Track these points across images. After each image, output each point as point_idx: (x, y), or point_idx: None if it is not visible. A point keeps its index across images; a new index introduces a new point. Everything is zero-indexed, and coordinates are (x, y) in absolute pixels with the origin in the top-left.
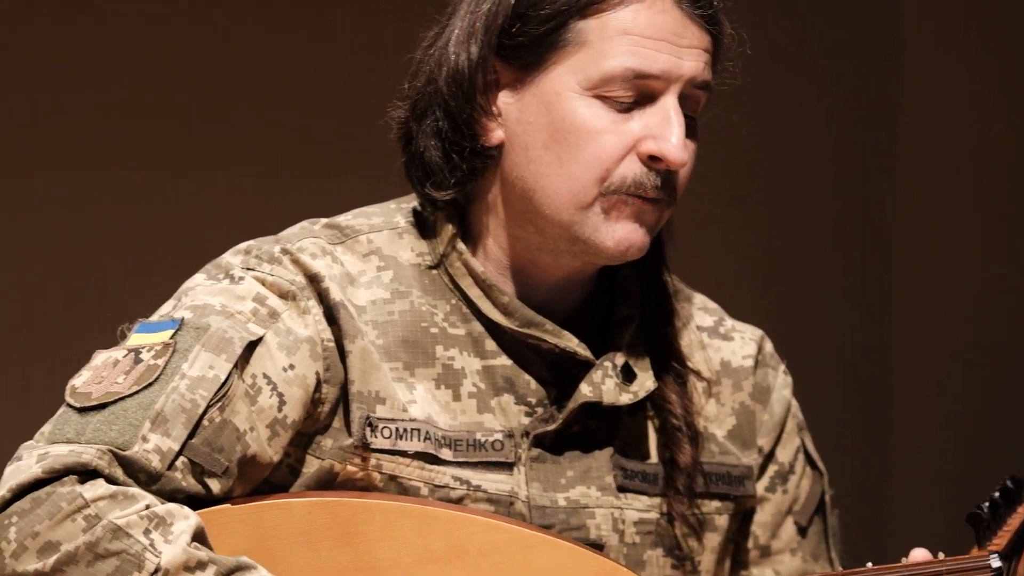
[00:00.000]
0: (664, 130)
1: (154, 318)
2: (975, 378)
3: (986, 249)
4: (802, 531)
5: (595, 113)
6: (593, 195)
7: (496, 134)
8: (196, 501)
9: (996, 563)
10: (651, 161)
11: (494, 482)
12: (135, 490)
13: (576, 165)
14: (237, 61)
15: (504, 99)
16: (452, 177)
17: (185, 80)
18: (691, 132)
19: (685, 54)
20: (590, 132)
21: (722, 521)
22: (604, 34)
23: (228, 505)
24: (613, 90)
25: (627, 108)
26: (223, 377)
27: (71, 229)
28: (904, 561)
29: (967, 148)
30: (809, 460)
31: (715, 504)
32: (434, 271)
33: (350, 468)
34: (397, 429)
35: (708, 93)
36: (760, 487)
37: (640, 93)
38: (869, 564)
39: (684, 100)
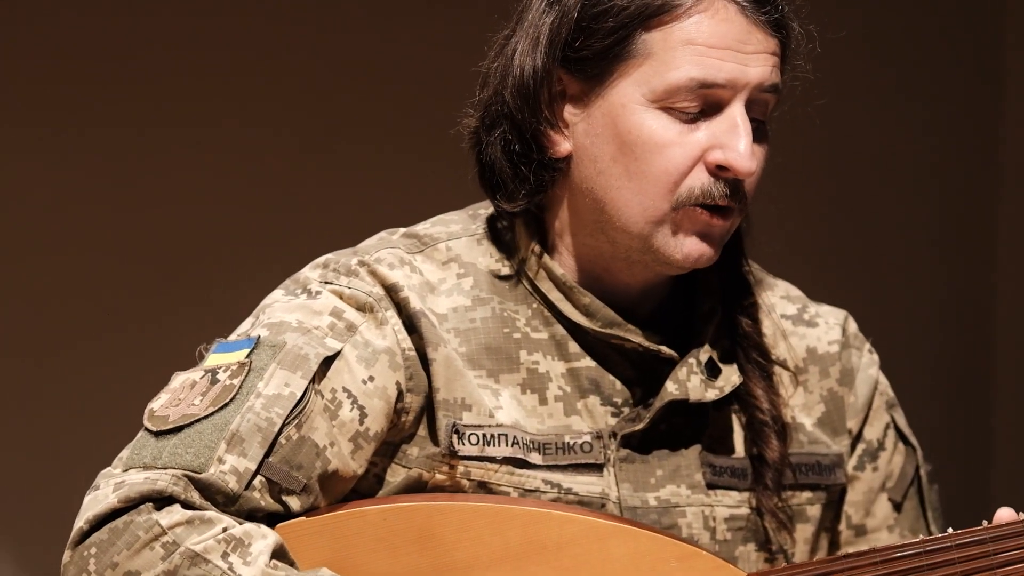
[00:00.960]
0: (731, 139)
1: (232, 337)
2: None
3: None
4: (897, 507)
5: (662, 125)
6: (664, 210)
7: (563, 146)
8: (276, 519)
9: None
10: (719, 171)
11: (585, 484)
12: (211, 513)
13: (645, 179)
14: (325, 72)
15: (570, 111)
16: (521, 189)
17: (266, 102)
18: (760, 136)
19: (751, 60)
20: (657, 145)
21: (814, 511)
22: (668, 45)
23: (304, 518)
24: (679, 101)
25: (693, 118)
26: (299, 394)
27: (154, 247)
28: (985, 524)
29: None
30: (901, 436)
31: (806, 495)
32: (514, 278)
33: (439, 476)
34: (484, 435)
35: (777, 96)
36: (849, 467)
37: (706, 102)
38: (949, 529)
39: (752, 104)
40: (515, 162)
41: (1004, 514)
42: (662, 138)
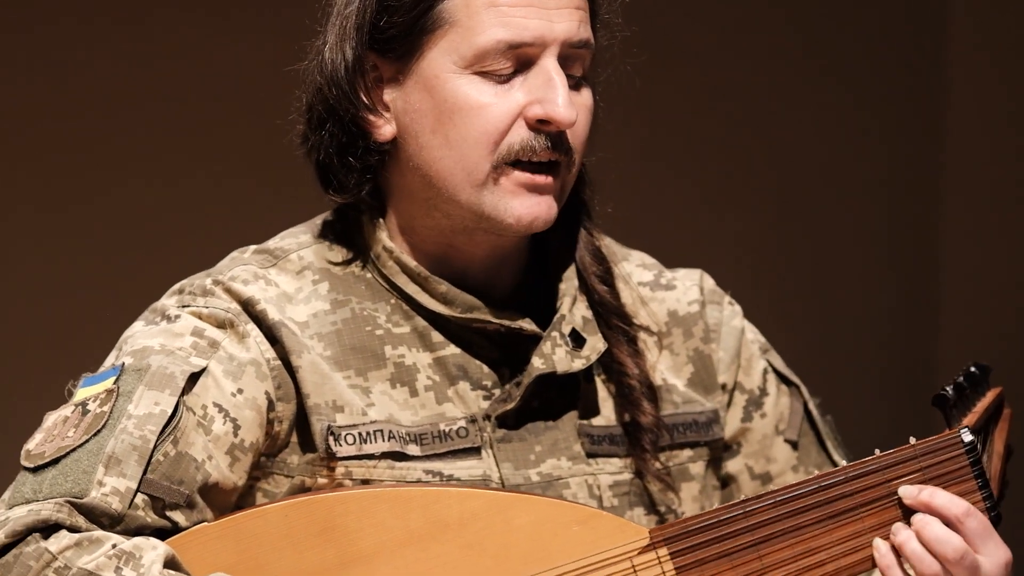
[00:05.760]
0: (548, 92)
1: (98, 371)
2: None
3: None
4: (795, 446)
5: (476, 89)
6: (486, 170)
7: (386, 129)
8: (165, 535)
9: (968, 436)
10: (540, 125)
11: (465, 469)
12: (99, 533)
13: (465, 143)
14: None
15: (389, 93)
16: (350, 179)
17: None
18: (580, 89)
19: (555, 16)
20: (473, 108)
21: (697, 468)
22: (471, 10)
23: (204, 524)
24: (489, 64)
25: (508, 79)
26: (169, 411)
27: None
28: (878, 453)
29: (1014, 149)
30: (780, 377)
31: (686, 453)
32: (368, 275)
33: (320, 480)
34: (360, 434)
35: (591, 51)
36: (736, 420)
37: (518, 62)
38: (843, 462)
39: (567, 61)
40: (342, 153)
41: None
42: (477, 100)
